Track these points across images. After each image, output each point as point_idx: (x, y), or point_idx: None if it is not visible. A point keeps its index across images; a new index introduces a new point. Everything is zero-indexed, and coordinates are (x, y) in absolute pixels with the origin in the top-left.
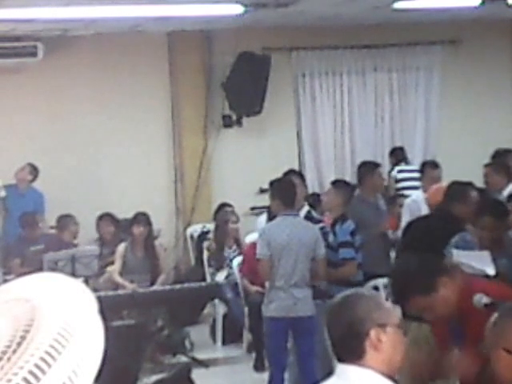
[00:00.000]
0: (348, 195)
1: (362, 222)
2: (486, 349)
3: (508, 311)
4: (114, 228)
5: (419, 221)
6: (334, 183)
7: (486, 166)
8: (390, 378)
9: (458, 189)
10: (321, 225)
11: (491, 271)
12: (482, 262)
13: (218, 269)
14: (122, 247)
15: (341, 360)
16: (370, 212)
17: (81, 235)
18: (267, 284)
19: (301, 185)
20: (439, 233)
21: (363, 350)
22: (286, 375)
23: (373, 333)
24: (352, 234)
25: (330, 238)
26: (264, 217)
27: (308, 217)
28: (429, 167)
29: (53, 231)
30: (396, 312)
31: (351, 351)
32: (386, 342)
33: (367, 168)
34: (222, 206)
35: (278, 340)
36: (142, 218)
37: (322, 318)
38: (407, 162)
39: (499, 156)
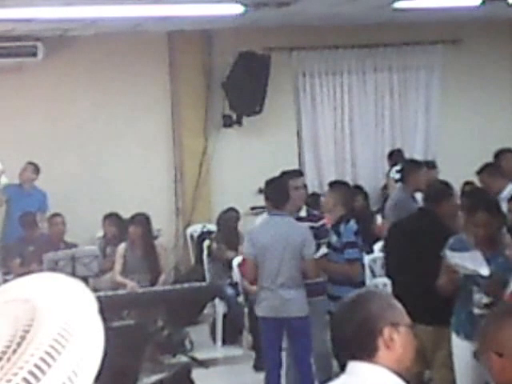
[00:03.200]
0: (346, 195)
1: None
2: (479, 354)
3: (497, 314)
4: (117, 228)
5: (403, 222)
6: (330, 185)
7: (479, 173)
8: (401, 376)
9: (442, 188)
10: (322, 222)
11: (485, 272)
12: (475, 263)
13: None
14: (121, 247)
15: (351, 358)
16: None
17: (81, 235)
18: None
19: (302, 184)
20: (424, 233)
21: (375, 348)
22: (285, 376)
23: (386, 331)
24: (356, 234)
25: (333, 238)
26: (263, 217)
27: (309, 215)
28: (426, 167)
29: None
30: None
31: (363, 349)
32: (398, 341)
33: (412, 166)
34: (228, 210)
35: (270, 339)
36: (139, 218)
37: (320, 316)
38: None
39: (502, 155)
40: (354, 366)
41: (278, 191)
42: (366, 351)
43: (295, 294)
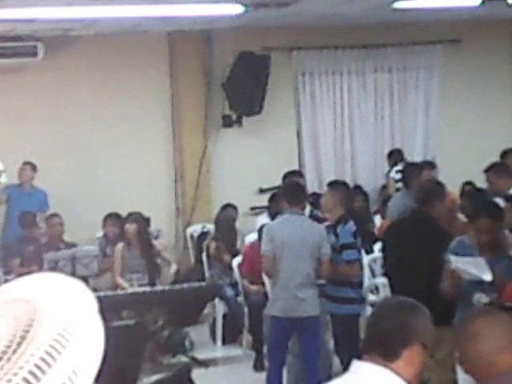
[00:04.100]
0: (345, 195)
1: None
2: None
3: (462, 329)
4: (118, 228)
5: (399, 222)
6: (330, 184)
7: (486, 171)
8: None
9: (434, 188)
10: (326, 223)
11: (488, 277)
12: (478, 269)
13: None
14: (120, 246)
15: (370, 354)
16: None
17: (81, 235)
18: (267, 283)
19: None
20: (418, 233)
21: (398, 356)
22: (286, 375)
23: (415, 347)
24: (354, 235)
25: (332, 239)
26: (263, 217)
27: (311, 216)
28: (426, 167)
29: None
30: None
31: (387, 350)
32: (418, 360)
33: (413, 170)
34: (226, 206)
35: (278, 338)
36: (133, 217)
37: (323, 316)
38: None
39: (509, 155)
40: (357, 366)
41: (292, 190)
42: (388, 354)
43: (309, 294)
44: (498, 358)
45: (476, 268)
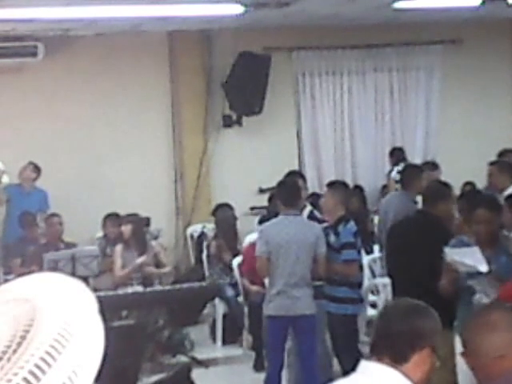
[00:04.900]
0: (345, 195)
1: None
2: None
3: (476, 314)
4: (118, 228)
5: (402, 222)
6: (329, 185)
7: (491, 164)
8: None
9: (438, 189)
10: (325, 224)
11: (484, 268)
12: (474, 259)
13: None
14: (119, 247)
15: (376, 354)
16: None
17: (81, 235)
18: (267, 283)
19: (302, 185)
20: (421, 234)
21: (406, 359)
22: (286, 375)
23: (425, 351)
24: (355, 235)
25: (332, 238)
26: (262, 215)
27: (311, 217)
28: (428, 168)
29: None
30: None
31: (396, 353)
32: (427, 364)
33: (413, 172)
34: (222, 206)
35: (276, 338)
36: (129, 218)
37: (320, 317)
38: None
39: (505, 155)
40: (367, 366)
41: (287, 191)
42: (397, 357)
43: (304, 293)
44: (509, 351)
45: (471, 258)
